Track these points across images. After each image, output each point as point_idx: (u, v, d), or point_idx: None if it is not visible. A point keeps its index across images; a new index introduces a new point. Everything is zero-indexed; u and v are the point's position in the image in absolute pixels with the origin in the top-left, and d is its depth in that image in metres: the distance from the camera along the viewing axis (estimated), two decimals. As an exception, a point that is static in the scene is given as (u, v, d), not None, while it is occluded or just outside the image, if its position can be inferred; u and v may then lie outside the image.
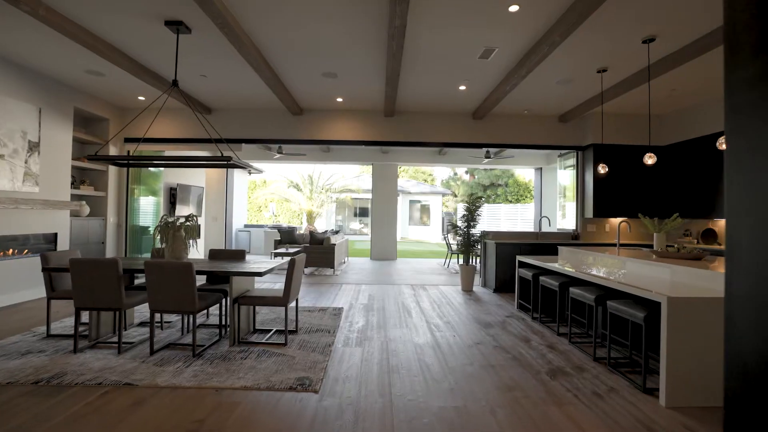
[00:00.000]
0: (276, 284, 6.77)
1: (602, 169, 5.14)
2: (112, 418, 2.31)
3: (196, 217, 4.05)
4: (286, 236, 10.75)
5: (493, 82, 5.64)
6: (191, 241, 4.00)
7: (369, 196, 13.87)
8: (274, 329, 4.12)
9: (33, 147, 5.28)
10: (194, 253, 8.34)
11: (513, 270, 6.41)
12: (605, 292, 3.47)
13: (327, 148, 10.64)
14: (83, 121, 6.77)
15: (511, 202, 21.73)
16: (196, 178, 9.48)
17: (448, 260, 10.19)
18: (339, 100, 6.64)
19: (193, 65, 5.19)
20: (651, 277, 3.46)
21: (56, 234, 5.76)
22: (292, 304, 4.92)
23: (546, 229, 9.25)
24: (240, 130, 7.26)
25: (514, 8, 3.67)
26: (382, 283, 7.26)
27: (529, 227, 18.01)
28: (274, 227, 12.86)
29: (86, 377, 2.84)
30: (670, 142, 6.82)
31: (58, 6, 3.73)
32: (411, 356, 3.47)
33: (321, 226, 19.44)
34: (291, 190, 17.04)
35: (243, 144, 7.75)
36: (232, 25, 3.90)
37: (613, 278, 3.36)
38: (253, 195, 20.36)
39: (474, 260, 7.10)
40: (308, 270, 8.58)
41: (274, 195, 18.37)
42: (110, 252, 7.01)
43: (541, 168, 11.52)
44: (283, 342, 3.69)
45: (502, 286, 6.47)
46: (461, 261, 8.91)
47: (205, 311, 4.68)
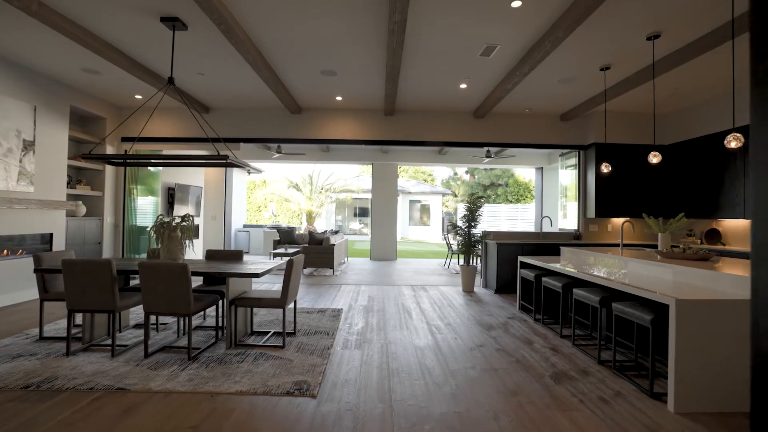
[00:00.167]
0: (275, 285, 6.70)
1: (605, 168, 5.06)
2: (102, 425, 2.24)
3: (193, 217, 3.98)
4: (285, 236, 10.68)
5: (494, 80, 5.56)
6: (187, 241, 3.93)
7: (369, 196, 13.80)
8: (272, 331, 4.05)
9: (28, 146, 5.20)
10: (192, 254, 8.25)
11: (514, 270, 6.33)
12: (610, 294, 3.39)
13: (326, 147, 10.57)
14: (80, 119, 6.69)
15: (511, 202, 21.66)
16: (194, 177, 9.40)
17: (448, 260, 10.11)
18: (338, 98, 6.56)
19: (190, 63, 5.11)
20: (656, 278, 3.39)
21: (52, 234, 5.68)
22: (291, 306, 4.84)
23: (547, 229, 9.17)
24: (238, 130, 7.18)
25: (516, 4, 3.59)
26: (381, 283, 7.18)
27: (529, 227, 17.94)
28: (273, 227, 12.78)
29: (77, 382, 2.76)
30: (673, 142, 6.74)
31: (51, 1, 3.65)
32: (411, 359, 3.39)
33: (321, 226, 19.36)
34: (290, 190, 16.97)
35: (241, 143, 7.69)
36: (229, 22, 3.82)
37: (618, 279, 3.29)
38: (252, 195, 20.29)
39: (475, 261, 7.03)
40: (307, 270, 8.50)
41: (273, 195, 18.29)
42: (107, 252, 6.93)
43: (542, 168, 11.46)
44: (281, 344, 3.61)
45: (503, 287, 6.39)
46: (462, 261, 8.85)
47: (201, 313, 4.60)
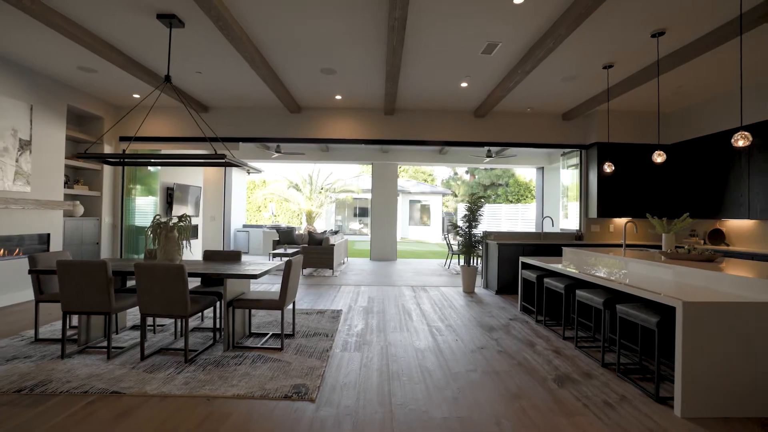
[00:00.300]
0: (273, 286, 6.64)
1: (608, 168, 5.00)
2: (95, 431, 2.18)
3: (190, 217, 3.92)
4: (284, 236, 10.62)
5: (495, 79, 5.50)
6: (185, 242, 3.87)
7: (369, 196, 13.74)
8: (271, 333, 3.99)
9: (24, 145, 5.15)
10: (189, 255, 8.20)
11: (515, 271, 6.27)
12: (613, 296, 3.34)
13: (326, 147, 10.51)
14: (77, 119, 6.64)
15: (511, 202, 21.59)
16: (193, 177, 9.34)
17: (448, 261, 10.06)
18: (338, 97, 6.51)
19: (188, 62, 5.05)
20: (660, 279, 3.33)
21: (49, 234, 5.62)
22: (290, 307, 4.79)
23: (548, 229, 9.12)
24: (237, 129, 7.12)
25: (519, 0, 3.54)
26: (381, 284, 7.12)
27: (530, 227, 17.88)
28: (272, 227, 12.72)
29: (72, 385, 2.71)
30: (675, 141, 6.68)
31: (46, -2, 3.60)
32: (412, 362, 3.33)
33: (320, 227, 19.30)
34: (290, 190, 16.91)
35: (241, 143, 7.64)
36: (227, 19, 3.77)
37: (622, 281, 3.23)
38: (252, 195, 20.23)
39: (475, 261, 6.97)
40: (307, 271, 8.45)
41: (273, 195, 18.23)
42: (105, 253, 6.88)
43: (543, 167, 11.40)
44: (280, 346, 3.56)
45: (504, 288, 6.34)
46: (462, 262, 8.79)
47: (199, 314, 4.55)
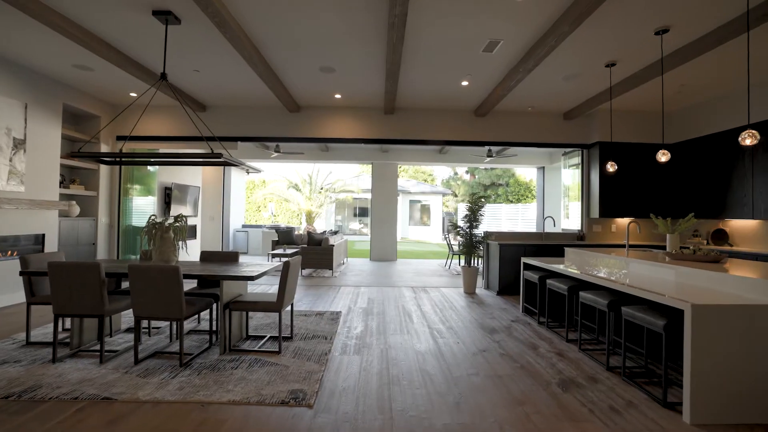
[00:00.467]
0: (272, 287, 6.57)
1: (611, 167, 4.93)
2: (85, 438, 2.11)
3: (185, 218, 3.85)
4: (283, 237, 10.55)
5: (496, 78, 5.43)
6: (181, 242, 3.80)
7: (369, 195, 13.68)
8: (268, 335, 3.92)
9: (18, 144, 5.07)
10: (185, 256, 8.12)
11: (517, 272, 6.20)
12: (618, 297, 3.27)
13: (325, 146, 10.44)
14: (73, 118, 6.56)
15: (512, 201, 21.52)
16: (192, 177, 9.24)
17: (449, 261, 9.99)
18: (337, 96, 6.43)
19: (185, 60, 4.98)
20: (666, 280, 3.26)
21: (44, 235, 5.55)
22: (288, 309, 4.71)
23: (550, 229, 9.05)
24: (236, 128, 7.05)
25: (521, -4, 3.47)
26: (381, 285, 7.05)
27: (530, 227, 17.80)
28: (272, 228, 12.65)
29: (62, 390, 2.63)
30: (678, 140, 6.61)
31: (38, -6, 3.53)
32: (412, 365, 3.26)
33: (320, 227, 19.22)
34: (290, 190, 16.83)
35: (239, 142, 7.56)
36: (224, 15, 3.69)
37: (627, 282, 3.16)
38: (252, 195, 20.15)
39: (476, 262, 6.89)
40: (306, 271, 8.37)
41: (272, 195, 18.14)
42: (102, 254, 6.80)
43: (544, 167, 11.33)
44: (277, 350, 3.48)
45: (505, 289, 6.26)
46: (462, 262, 8.72)
47: (195, 316, 4.47)
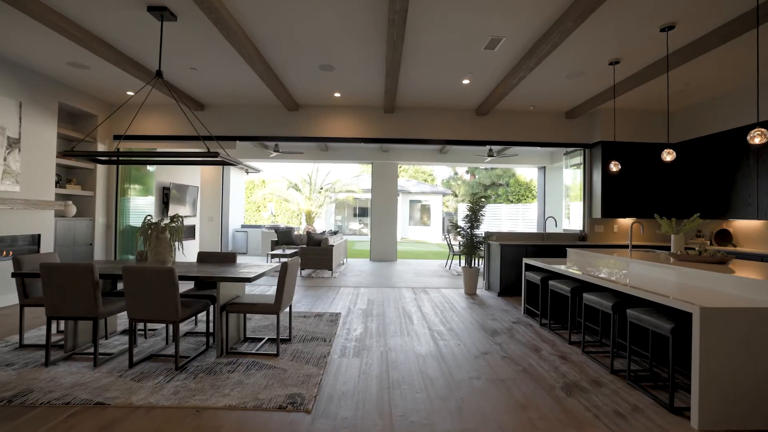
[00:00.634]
0: (271, 287, 6.50)
1: (614, 167, 4.86)
2: (76, 446, 2.04)
3: (182, 218, 3.78)
4: (283, 237, 10.48)
5: (498, 76, 5.36)
6: (177, 243, 3.74)
7: (368, 195, 13.61)
8: (266, 338, 3.85)
9: (13, 143, 5.00)
10: (182, 257, 8.06)
11: (518, 272, 6.14)
12: (622, 299, 3.20)
13: (325, 146, 10.37)
14: (70, 117, 6.49)
15: (512, 202, 21.45)
16: (191, 177, 9.17)
17: (449, 261, 9.92)
18: (337, 95, 6.36)
19: (182, 57, 4.91)
20: (671, 282, 3.19)
21: (39, 235, 5.48)
22: (286, 311, 4.65)
23: (551, 229, 8.98)
24: (234, 127, 6.98)
25: (523, -8, 3.40)
26: (381, 285, 6.98)
27: (531, 228, 17.73)
28: (271, 228, 12.58)
29: (54, 395, 2.57)
30: (681, 140, 6.54)
31: (31, -10, 3.46)
32: (413, 368, 3.20)
33: (320, 227, 19.15)
34: (290, 190, 16.76)
35: (238, 142, 7.49)
36: (221, 12, 3.62)
37: (631, 283, 3.09)
38: (252, 195, 20.07)
39: (477, 262, 6.83)
40: (305, 272, 8.30)
41: (272, 195, 18.07)
42: (99, 254, 6.73)
43: (545, 167, 11.26)
44: (275, 352, 3.42)
45: (506, 290, 6.20)
46: (463, 263, 8.65)
47: (192, 318, 4.40)
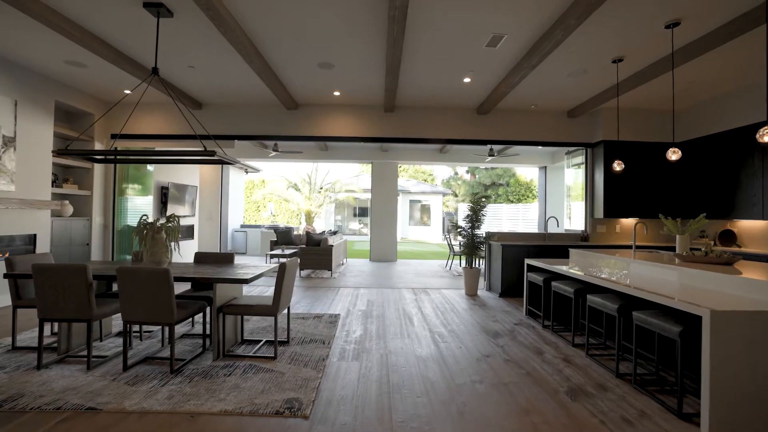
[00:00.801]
0: (269, 288, 6.43)
1: (618, 166, 4.79)
2: (65, 454, 1.98)
3: (179, 217, 3.71)
4: (282, 237, 10.41)
5: (500, 74, 5.29)
6: (173, 243, 3.67)
7: (368, 195, 13.54)
8: (264, 340, 3.78)
9: (8, 142, 4.93)
10: (178, 257, 7.98)
11: (520, 273, 6.06)
12: (627, 301, 3.13)
13: (324, 145, 10.31)
14: (66, 115, 6.41)
15: (512, 202, 21.39)
16: (189, 176, 9.10)
17: (449, 262, 9.85)
18: (336, 93, 6.29)
19: (179, 55, 4.84)
20: (677, 283, 3.12)
21: (35, 235, 5.41)
22: (284, 312, 4.58)
23: (553, 230, 8.92)
24: (232, 127, 6.91)
25: (527, -13, 3.33)
26: (381, 286, 6.91)
27: (531, 228, 17.66)
28: (270, 227, 12.51)
29: (45, 400, 2.50)
30: (685, 139, 6.47)
31: (24, -15, 3.39)
32: (413, 372, 3.13)
33: (320, 227, 19.08)
34: (289, 190, 16.69)
35: (237, 141, 7.42)
36: (218, 8, 3.55)
37: (636, 285, 3.02)
38: (252, 195, 20.00)
39: (478, 262, 6.76)
40: (305, 272, 8.23)
41: (272, 195, 18.00)
42: (96, 254, 6.66)
43: (546, 167, 11.20)
44: (273, 355, 3.35)
45: (508, 290, 6.13)
46: (464, 263, 8.58)
47: (189, 319, 4.34)
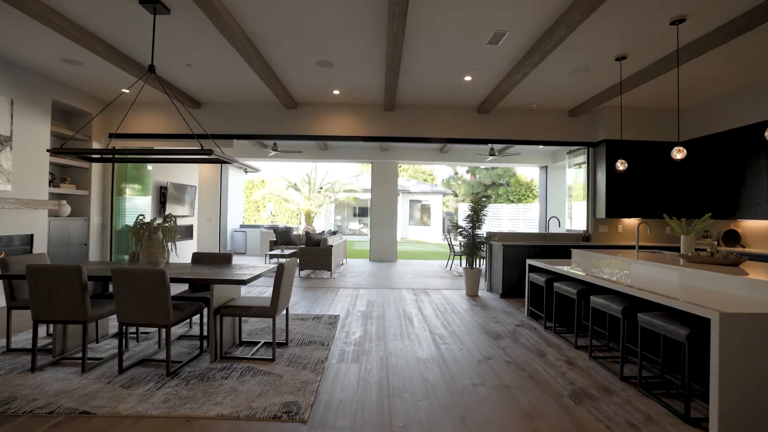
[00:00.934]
0: (268, 289, 6.38)
1: (621, 166, 4.74)
2: (56, 460, 1.92)
3: (176, 217, 3.66)
4: (282, 237, 10.36)
5: (501, 72, 5.23)
6: (170, 243, 3.62)
7: (368, 195, 13.48)
8: (262, 341, 3.73)
9: (4, 141, 4.88)
10: (175, 258, 7.93)
11: (521, 273, 6.01)
12: (632, 303, 3.08)
13: (324, 145, 10.25)
14: (64, 114, 6.36)
15: (513, 201, 21.33)
16: (189, 176, 9.05)
17: (450, 262, 9.80)
18: (336, 92, 6.24)
19: (177, 53, 4.78)
20: (682, 285, 3.07)
21: (32, 235, 5.36)
22: (283, 313, 4.52)
23: (554, 230, 8.86)
24: (231, 126, 6.86)
25: (529, -17, 3.28)
26: (381, 287, 6.86)
27: (532, 228, 17.60)
28: (270, 228, 12.46)
29: (37, 404, 2.44)
30: (688, 138, 6.41)
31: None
32: (414, 374, 3.07)
33: (320, 226, 19.03)
34: (289, 190, 16.64)
35: (235, 140, 7.37)
36: (216, 6, 3.50)
37: (640, 286, 2.97)
38: (251, 195, 19.95)
39: (478, 263, 6.70)
40: (304, 273, 8.18)
41: (272, 195, 17.95)
42: (94, 255, 6.61)
43: (547, 166, 11.14)
44: (271, 357, 3.30)
45: (509, 291, 6.07)
46: (464, 263, 8.52)
47: (187, 321, 4.28)
